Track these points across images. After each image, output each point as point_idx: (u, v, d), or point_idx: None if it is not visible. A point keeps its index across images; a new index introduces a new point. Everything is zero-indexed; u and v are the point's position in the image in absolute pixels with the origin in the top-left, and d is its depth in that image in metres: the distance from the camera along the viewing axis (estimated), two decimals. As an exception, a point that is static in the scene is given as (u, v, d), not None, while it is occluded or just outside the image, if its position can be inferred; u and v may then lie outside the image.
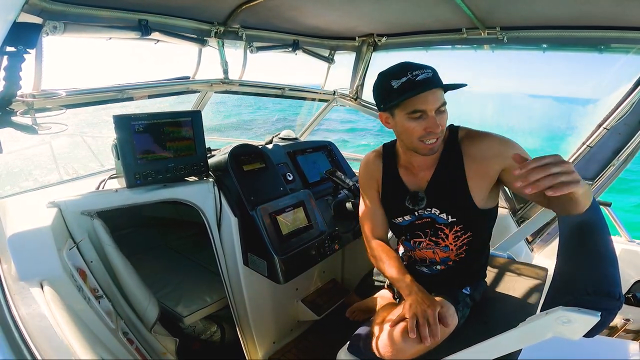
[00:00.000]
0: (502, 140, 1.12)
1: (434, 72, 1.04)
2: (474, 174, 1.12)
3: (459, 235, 1.20)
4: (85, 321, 1.05)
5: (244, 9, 1.62)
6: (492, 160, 1.10)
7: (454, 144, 1.15)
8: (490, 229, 1.27)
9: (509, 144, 1.11)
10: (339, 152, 2.29)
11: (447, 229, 1.20)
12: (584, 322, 0.70)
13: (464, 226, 1.19)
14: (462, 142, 1.15)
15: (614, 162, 1.72)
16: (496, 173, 1.11)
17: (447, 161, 1.16)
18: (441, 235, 1.22)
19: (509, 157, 1.05)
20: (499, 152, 1.09)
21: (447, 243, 1.22)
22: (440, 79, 1.06)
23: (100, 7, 1.36)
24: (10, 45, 1.02)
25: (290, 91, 2.41)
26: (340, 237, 1.85)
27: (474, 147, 1.13)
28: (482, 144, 1.12)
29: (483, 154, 1.11)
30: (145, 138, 1.48)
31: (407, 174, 1.25)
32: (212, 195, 1.62)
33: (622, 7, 1.34)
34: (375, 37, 2.19)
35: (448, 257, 1.25)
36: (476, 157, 1.12)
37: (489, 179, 1.12)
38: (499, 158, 1.09)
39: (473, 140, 1.14)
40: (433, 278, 1.29)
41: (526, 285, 1.44)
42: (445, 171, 1.16)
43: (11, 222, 1.20)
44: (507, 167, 1.08)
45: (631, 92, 1.59)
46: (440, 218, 1.20)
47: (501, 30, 1.72)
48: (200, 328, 2.00)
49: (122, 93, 1.68)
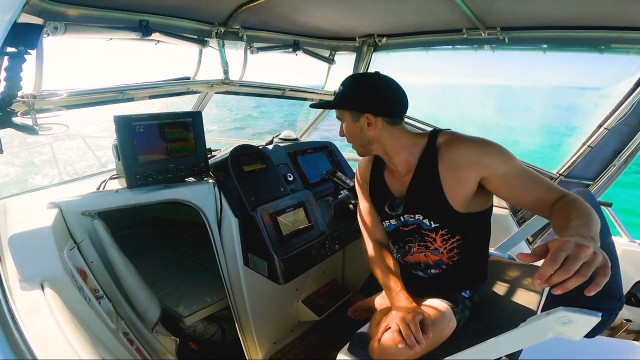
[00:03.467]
0: (480, 147, 1.06)
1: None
2: (449, 181, 1.09)
3: (446, 239, 1.18)
4: (85, 321, 1.05)
5: (245, 10, 1.62)
6: (466, 169, 1.06)
7: (432, 149, 1.13)
8: (483, 232, 1.24)
9: (487, 152, 1.05)
10: (339, 152, 2.29)
11: (433, 233, 1.18)
12: (584, 323, 0.70)
13: (449, 230, 1.16)
14: (439, 148, 1.12)
15: (614, 163, 1.72)
16: (474, 181, 1.07)
17: (424, 166, 1.14)
18: (429, 240, 1.21)
19: (487, 166, 1.04)
20: (474, 161, 1.05)
21: (436, 246, 1.20)
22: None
23: (101, 8, 1.36)
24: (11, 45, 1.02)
25: (291, 92, 2.41)
26: (341, 237, 1.85)
27: (448, 154, 1.09)
28: (458, 151, 1.08)
29: (457, 162, 1.07)
30: (146, 138, 1.48)
31: (391, 178, 1.26)
32: (213, 195, 1.62)
33: (623, 7, 1.34)
34: (376, 38, 2.19)
35: (441, 260, 1.23)
36: (450, 165, 1.08)
37: (466, 186, 1.08)
38: (475, 166, 1.05)
39: (449, 147, 1.10)
40: (430, 282, 1.28)
41: (527, 286, 1.44)
42: (421, 177, 1.15)
43: (12, 223, 1.20)
44: (486, 176, 1.05)
45: (632, 92, 1.59)
46: (424, 224, 1.18)
47: (502, 30, 1.72)
48: (201, 328, 2.00)
49: (122, 94, 1.68)
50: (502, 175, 1.04)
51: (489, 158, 1.04)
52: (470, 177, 1.07)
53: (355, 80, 1.18)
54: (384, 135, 1.15)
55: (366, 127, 1.14)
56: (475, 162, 1.05)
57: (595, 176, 1.79)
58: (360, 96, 1.14)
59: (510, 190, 1.06)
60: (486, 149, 1.06)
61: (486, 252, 1.31)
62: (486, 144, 1.07)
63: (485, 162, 1.04)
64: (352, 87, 1.16)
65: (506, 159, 1.05)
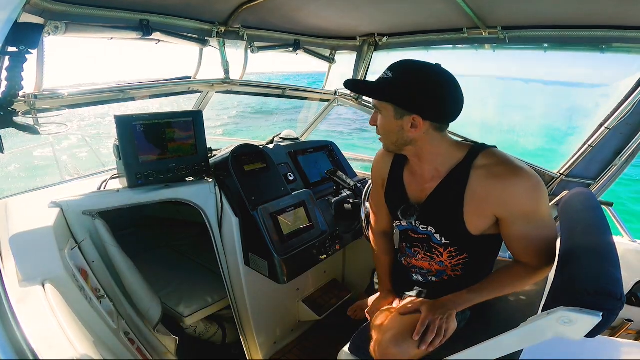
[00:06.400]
0: (515, 191, 0.97)
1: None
2: (471, 208, 1.03)
3: (453, 255, 1.16)
4: (87, 321, 1.05)
5: (245, 9, 1.63)
6: (489, 204, 1.00)
7: (467, 167, 1.03)
8: (493, 251, 1.19)
9: (522, 198, 0.96)
10: (340, 152, 2.29)
11: (442, 248, 1.15)
12: (585, 323, 0.70)
13: (458, 248, 1.14)
14: (475, 170, 1.02)
15: (615, 162, 1.71)
16: (494, 216, 1.03)
17: (451, 183, 1.05)
18: (436, 253, 1.18)
19: (510, 211, 0.99)
20: (502, 202, 0.98)
21: (442, 260, 1.18)
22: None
23: (102, 7, 1.36)
24: (12, 45, 1.03)
25: (292, 91, 2.42)
26: (342, 237, 1.85)
27: (480, 183, 1.00)
28: (491, 185, 0.99)
29: (485, 195, 1.00)
30: (146, 138, 1.48)
31: (411, 180, 1.18)
32: (214, 195, 1.63)
33: (624, 6, 1.34)
34: (376, 37, 2.19)
35: (444, 272, 1.21)
36: (476, 194, 1.01)
37: (485, 218, 1.04)
38: (498, 207, 1.00)
39: (486, 177, 1.00)
40: (428, 286, 1.27)
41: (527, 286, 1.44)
42: (445, 192, 1.07)
43: (13, 222, 1.21)
44: (503, 217, 1.01)
45: (633, 91, 1.59)
46: (435, 237, 1.15)
47: (502, 29, 1.72)
48: (202, 328, 2.00)
49: (123, 93, 1.68)
50: (515, 224, 1.01)
51: (518, 206, 0.98)
52: (489, 212, 1.02)
53: (410, 71, 0.99)
54: (424, 140, 1.04)
55: (408, 128, 1.00)
56: (501, 203, 0.99)
57: (596, 176, 1.79)
58: (414, 93, 0.97)
59: (509, 236, 1.04)
60: (523, 195, 0.97)
61: (491, 267, 1.25)
62: (529, 190, 0.97)
63: (510, 207, 0.99)
64: (406, 78, 0.98)
65: (533, 214, 0.99)
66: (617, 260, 0.83)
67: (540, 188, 0.97)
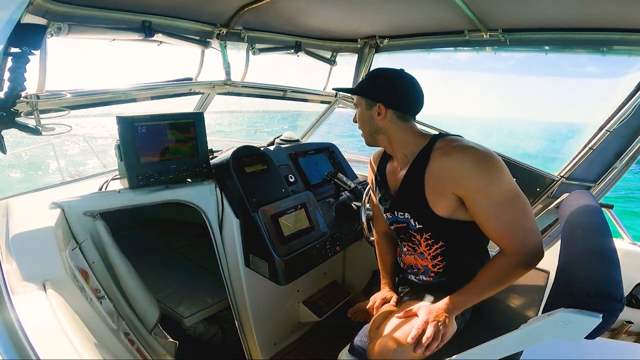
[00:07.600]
0: (465, 165, 1.02)
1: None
2: (430, 188, 1.10)
3: (430, 244, 1.19)
4: (87, 321, 1.05)
5: (247, 11, 1.63)
6: (445, 182, 1.06)
7: (427, 152, 1.13)
8: (471, 241, 1.18)
9: (471, 172, 1.01)
10: (340, 153, 2.30)
11: (418, 235, 1.21)
12: (585, 324, 0.70)
13: (432, 234, 1.17)
14: (432, 153, 1.11)
15: (616, 165, 1.71)
16: (452, 195, 1.07)
17: (415, 167, 1.15)
18: (415, 242, 1.23)
19: (464, 187, 1.03)
20: (453, 178, 1.04)
21: (421, 250, 1.22)
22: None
23: (104, 9, 1.37)
24: (15, 46, 1.03)
25: (293, 93, 2.42)
26: (342, 238, 1.85)
27: (436, 162, 1.09)
28: (443, 163, 1.07)
29: (439, 174, 1.08)
30: (148, 139, 1.49)
31: (391, 172, 1.29)
32: (214, 196, 1.63)
33: (625, 9, 1.34)
34: (377, 39, 2.20)
35: (427, 267, 1.23)
36: (433, 174, 1.09)
37: (445, 197, 1.08)
38: (452, 183, 1.05)
39: (439, 156, 1.09)
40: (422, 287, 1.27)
41: (528, 287, 1.44)
42: (411, 176, 1.16)
43: (14, 223, 1.21)
44: (462, 195, 1.05)
45: (633, 94, 1.59)
46: (411, 223, 1.20)
47: (503, 32, 1.72)
48: (202, 329, 2.00)
49: (125, 94, 1.69)
50: (476, 201, 1.03)
51: (470, 180, 1.02)
52: (447, 190, 1.07)
53: (377, 72, 1.22)
54: (391, 128, 1.19)
55: (376, 116, 1.18)
56: (453, 179, 1.04)
57: (597, 178, 1.79)
58: (377, 86, 1.18)
59: (476, 216, 1.06)
60: (471, 169, 1.01)
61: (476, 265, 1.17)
62: (477, 163, 1.01)
63: (463, 182, 1.03)
64: (373, 77, 1.21)
65: (488, 187, 1.01)
66: (617, 262, 0.83)
67: (488, 161, 1.02)
